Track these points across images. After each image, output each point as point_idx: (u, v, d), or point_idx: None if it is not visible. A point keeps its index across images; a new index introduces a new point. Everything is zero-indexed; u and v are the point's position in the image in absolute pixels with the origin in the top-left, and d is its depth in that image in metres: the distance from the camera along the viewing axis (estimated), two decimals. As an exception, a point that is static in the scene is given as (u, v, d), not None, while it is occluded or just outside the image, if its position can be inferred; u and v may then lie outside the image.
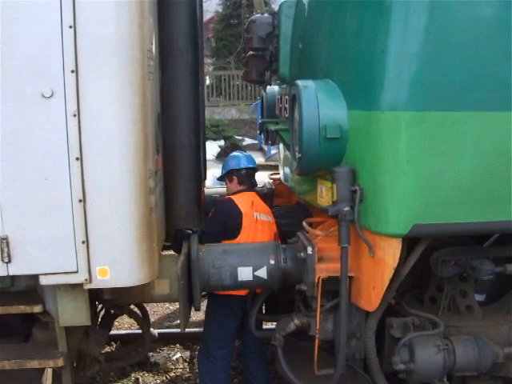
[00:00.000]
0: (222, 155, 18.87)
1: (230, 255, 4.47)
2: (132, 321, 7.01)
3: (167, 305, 8.12)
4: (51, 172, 3.59)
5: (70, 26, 3.44)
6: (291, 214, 5.58)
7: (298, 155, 4.14)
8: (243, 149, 17.90)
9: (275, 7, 6.33)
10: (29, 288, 4.24)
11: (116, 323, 7.05)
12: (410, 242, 3.98)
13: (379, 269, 3.89)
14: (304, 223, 4.39)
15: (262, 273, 4.37)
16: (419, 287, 4.87)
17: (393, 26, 3.62)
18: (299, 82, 4.10)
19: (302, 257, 4.10)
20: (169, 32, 4.56)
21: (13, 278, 4.05)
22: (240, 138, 22.12)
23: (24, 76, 3.49)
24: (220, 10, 28.76)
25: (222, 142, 21.04)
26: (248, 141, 21.99)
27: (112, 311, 5.42)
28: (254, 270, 4.38)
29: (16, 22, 3.41)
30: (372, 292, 3.98)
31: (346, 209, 3.82)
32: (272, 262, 4.38)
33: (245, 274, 4.38)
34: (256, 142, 21.63)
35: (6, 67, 3.46)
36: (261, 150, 20.46)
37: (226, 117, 23.78)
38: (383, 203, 3.75)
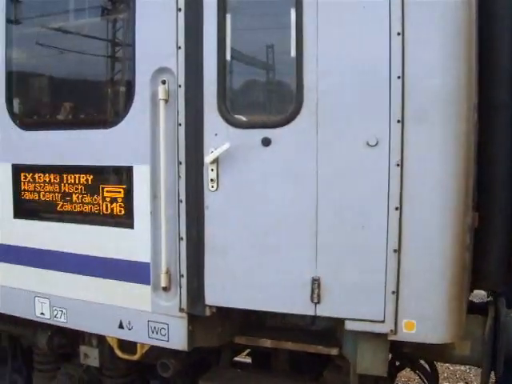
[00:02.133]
0: None
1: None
2: (410, 375, 6.73)
3: (447, 364, 7.63)
4: (368, 220, 3.66)
5: (398, 77, 3.51)
6: None
7: None
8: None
9: None
10: (326, 329, 4.41)
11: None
12: None
13: None
14: None
15: None
16: None
17: None
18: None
19: None
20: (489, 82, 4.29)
21: (314, 318, 4.27)
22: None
23: (351, 123, 3.66)
24: None
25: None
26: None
27: (397, 362, 5.26)
28: None
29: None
30: None
31: None
32: None
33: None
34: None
35: (336, 112, 3.69)
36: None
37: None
38: None
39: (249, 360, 5.74)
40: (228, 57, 3.96)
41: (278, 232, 3.88)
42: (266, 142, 3.86)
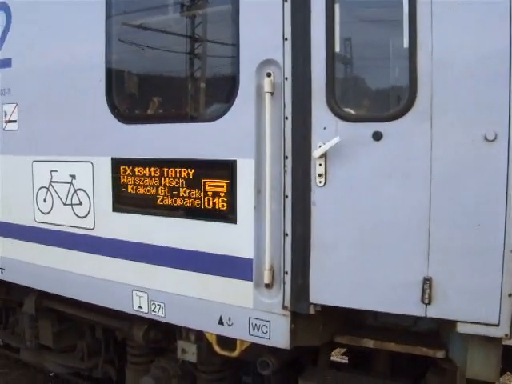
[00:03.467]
0: None
1: None
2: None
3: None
4: (484, 218, 3.46)
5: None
6: None
7: None
8: None
9: None
10: (429, 331, 4.22)
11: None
12: None
13: None
14: None
15: None
16: None
17: None
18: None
19: None
20: None
21: (417, 318, 4.10)
22: None
23: (468, 116, 3.48)
24: None
25: None
26: None
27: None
28: None
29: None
30: None
31: None
32: None
33: None
34: None
35: (451, 105, 3.51)
36: None
37: None
38: None
39: (342, 360, 5.62)
40: (337, 48, 3.84)
41: (388, 229, 3.73)
42: (377, 136, 3.71)
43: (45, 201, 5.43)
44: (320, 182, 3.89)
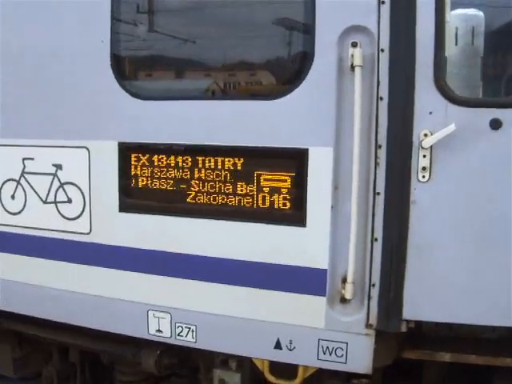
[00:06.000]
0: None
1: None
2: None
3: None
4: None
5: None
6: None
7: None
8: None
9: None
10: (499, 338, 3.84)
11: None
12: None
13: None
14: None
15: None
16: None
17: None
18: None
19: None
20: None
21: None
22: None
23: None
24: None
25: None
26: None
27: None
28: None
29: None
30: None
31: None
32: None
33: None
34: None
35: None
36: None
37: None
38: None
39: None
40: (447, 17, 3.19)
41: (507, 232, 3.20)
42: (496, 124, 3.15)
43: (13, 197, 4.15)
44: (423, 176, 3.25)
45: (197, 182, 3.64)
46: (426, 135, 3.20)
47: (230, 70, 3.77)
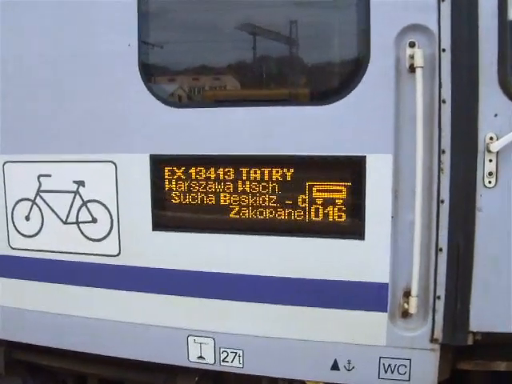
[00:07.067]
0: None
1: None
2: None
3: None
4: None
5: None
6: None
7: None
8: None
9: None
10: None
11: None
12: None
13: None
14: None
15: None
16: None
17: None
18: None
19: None
20: None
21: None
22: None
23: None
24: None
25: None
26: None
27: None
28: None
29: None
30: None
31: None
32: None
33: None
34: None
35: None
36: None
37: None
38: None
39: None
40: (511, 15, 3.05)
41: None
42: None
43: (28, 219, 3.75)
44: (489, 182, 3.10)
45: (240, 195, 3.37)
46: (491, 139, 3.06)
47: (282, 71, 3.52)
